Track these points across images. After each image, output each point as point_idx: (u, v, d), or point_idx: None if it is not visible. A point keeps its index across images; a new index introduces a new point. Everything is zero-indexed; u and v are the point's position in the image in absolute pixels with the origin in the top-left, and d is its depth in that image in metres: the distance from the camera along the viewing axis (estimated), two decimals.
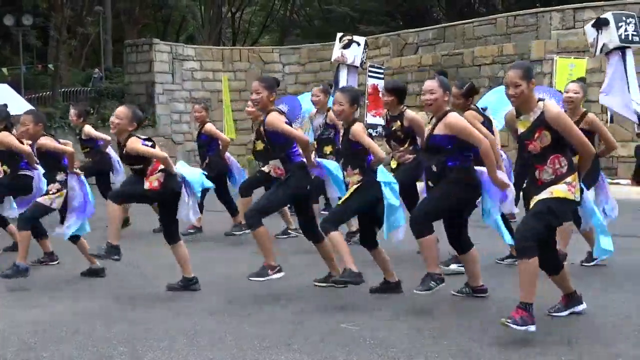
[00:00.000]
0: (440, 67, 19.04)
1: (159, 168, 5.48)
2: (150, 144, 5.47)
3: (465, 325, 4.57)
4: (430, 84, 4.97)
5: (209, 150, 8.68)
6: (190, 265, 5.70)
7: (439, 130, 4.92)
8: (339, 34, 12.73)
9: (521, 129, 4.39)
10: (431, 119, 5.12)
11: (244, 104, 20.39)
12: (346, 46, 12.04)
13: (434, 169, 4.96)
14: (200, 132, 8.73)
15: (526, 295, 4.17)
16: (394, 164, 6.72)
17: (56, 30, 25.06)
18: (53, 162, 6.16)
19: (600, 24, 10.64)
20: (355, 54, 12.03)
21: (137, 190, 5.53)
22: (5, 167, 6.59)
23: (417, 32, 22.42)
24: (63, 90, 24.67)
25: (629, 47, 10.19)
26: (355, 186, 5.17)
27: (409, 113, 6.54)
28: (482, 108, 7.00)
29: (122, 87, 23.95)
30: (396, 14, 31.89)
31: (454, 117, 4.90)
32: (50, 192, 6.05)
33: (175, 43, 25.44)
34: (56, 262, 6.81)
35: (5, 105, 6.93)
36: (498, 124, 7.07)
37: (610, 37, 10.04)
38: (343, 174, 5.39)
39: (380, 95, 14.50)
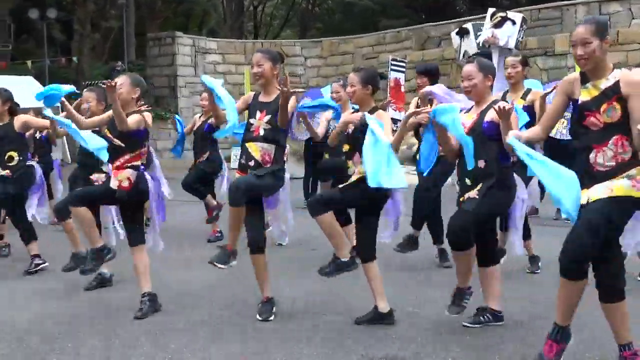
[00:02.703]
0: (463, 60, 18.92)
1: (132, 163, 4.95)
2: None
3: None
4: (468, 68, 4.36)
5: (211, 143, 7.88)
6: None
7: (489, 117, 4.22)
8: (491, 10, 10.88)
9: (584, 97, 3.56)
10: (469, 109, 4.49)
11: None
12: (498, 25, 10.58)
13: (480, 165, 4.24)
14: (206, 121, 7.85)
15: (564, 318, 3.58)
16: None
17: (79, 23, 25.29)
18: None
19: (463, 33, 11.38)
20: (509, 34, 10.55)
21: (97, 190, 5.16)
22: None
23: (439, 26, 22.27)
24: (86, 83, 24.93)
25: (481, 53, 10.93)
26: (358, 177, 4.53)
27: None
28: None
29: (145, 80, 24.11)
30: (417, 7, 31.70)
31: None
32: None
33: (197, 36, 25.50)
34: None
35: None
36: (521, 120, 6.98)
37: (470, 44, 10.77)
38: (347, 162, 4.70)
39: (402, 89, 14.28)
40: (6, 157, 6.11)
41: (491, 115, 4.19)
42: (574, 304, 3.52)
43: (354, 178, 4.55)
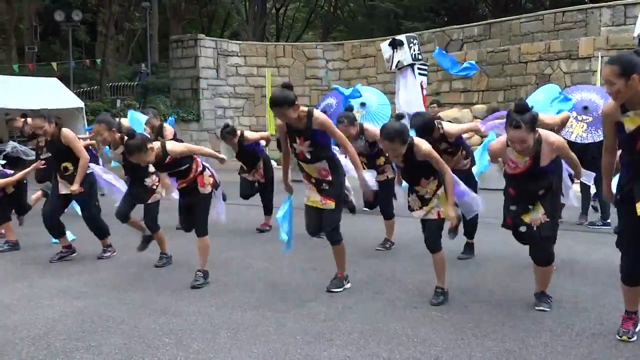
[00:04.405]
0: (485, 63, 18.79)
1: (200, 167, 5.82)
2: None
3: (508, 325, 4.52)
4: (520, 135, 4.53)
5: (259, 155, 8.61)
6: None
7: (545, 159, 4.70)
8: None
9: (630, 126, 3.86)
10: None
11: None
12: None
13: (541, 192, 4.74)
14: (243, 143, 8.42)
15: None
16: None
17: (104, 25, 25.57)
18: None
19: (396, 44, 12.24)
20: None
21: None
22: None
23: (462, 28, 22.20)
24: (110, 84, 25.22)
25: (414, 63, 11.90)
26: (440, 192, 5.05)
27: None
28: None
29: (168, 82, 24.31)
30: (440, 10, 31.60)
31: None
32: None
33: (219, 39, 25.67)
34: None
35: None
36: None
37: (404, 55, 11.92)
38: (412, 188, 5.16)
39: (424, 92, 14.30)
40: None
41: (546, 158, 4.63)
42: None
43: (434, 200, 5.06)
